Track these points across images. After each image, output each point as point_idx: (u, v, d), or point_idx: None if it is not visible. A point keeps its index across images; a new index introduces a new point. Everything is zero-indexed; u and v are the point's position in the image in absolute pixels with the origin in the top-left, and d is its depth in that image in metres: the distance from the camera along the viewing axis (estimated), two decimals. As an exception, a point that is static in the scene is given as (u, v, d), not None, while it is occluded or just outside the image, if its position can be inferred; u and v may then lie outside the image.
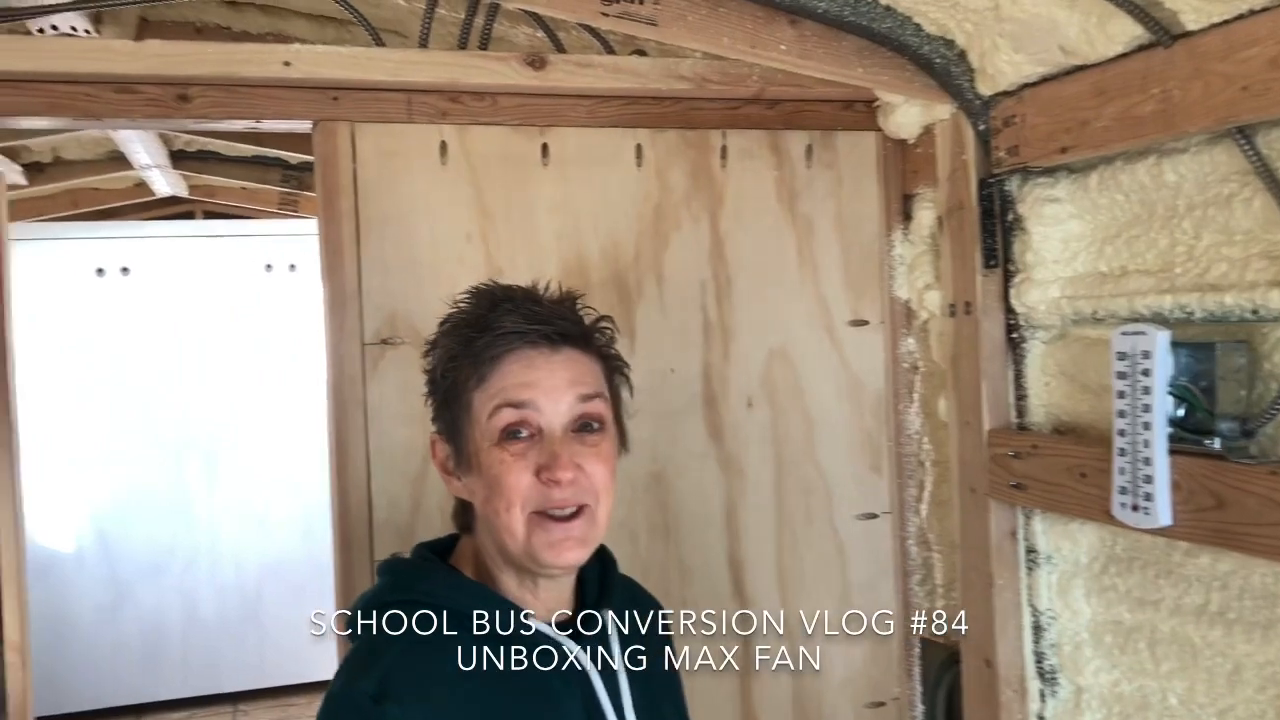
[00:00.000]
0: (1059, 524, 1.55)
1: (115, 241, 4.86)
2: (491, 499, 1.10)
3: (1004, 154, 1.55)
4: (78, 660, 4.87)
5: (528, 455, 1.09)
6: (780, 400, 1.83)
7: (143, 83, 1.46)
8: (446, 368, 1.13)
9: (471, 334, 1.11)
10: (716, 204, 1.79)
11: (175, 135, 3.29)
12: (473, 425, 1.11)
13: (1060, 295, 1.50)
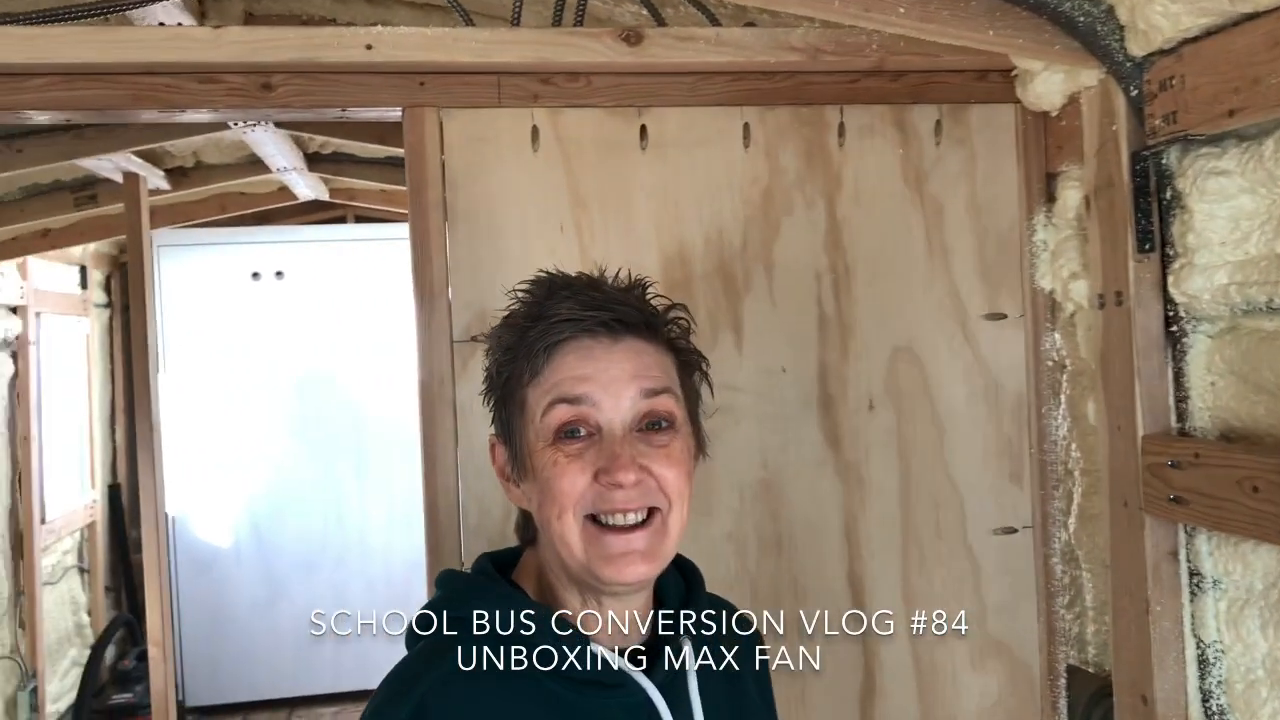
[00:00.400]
0: (1228, 544, 1.37)
1: (270, 246, 5.05)
2: (544, 505, 1.00)
3: (1160, 122, 1.37)
4: (235, 653, 5.04)
5: (585, 456, 0.99)
6: (906, 403, 1.67)
7: (225, 72, 1.42)
8: (501, 362, 1.04)
9: (525, 324, 1.02)
10: (833, 187, 1.64)
11: (309, 138, 3.33)
12: (527, 424, 1.02)
13: (1229, 282, 1.32)
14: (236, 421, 5.02)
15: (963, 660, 1.67)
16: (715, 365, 1.61)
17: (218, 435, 5.00)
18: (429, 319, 1.52)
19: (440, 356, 1.51)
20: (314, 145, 3.43)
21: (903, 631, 1.66)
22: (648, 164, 1.59)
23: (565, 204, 1.56)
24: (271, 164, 3.34)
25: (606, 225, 1.57)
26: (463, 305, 1.52)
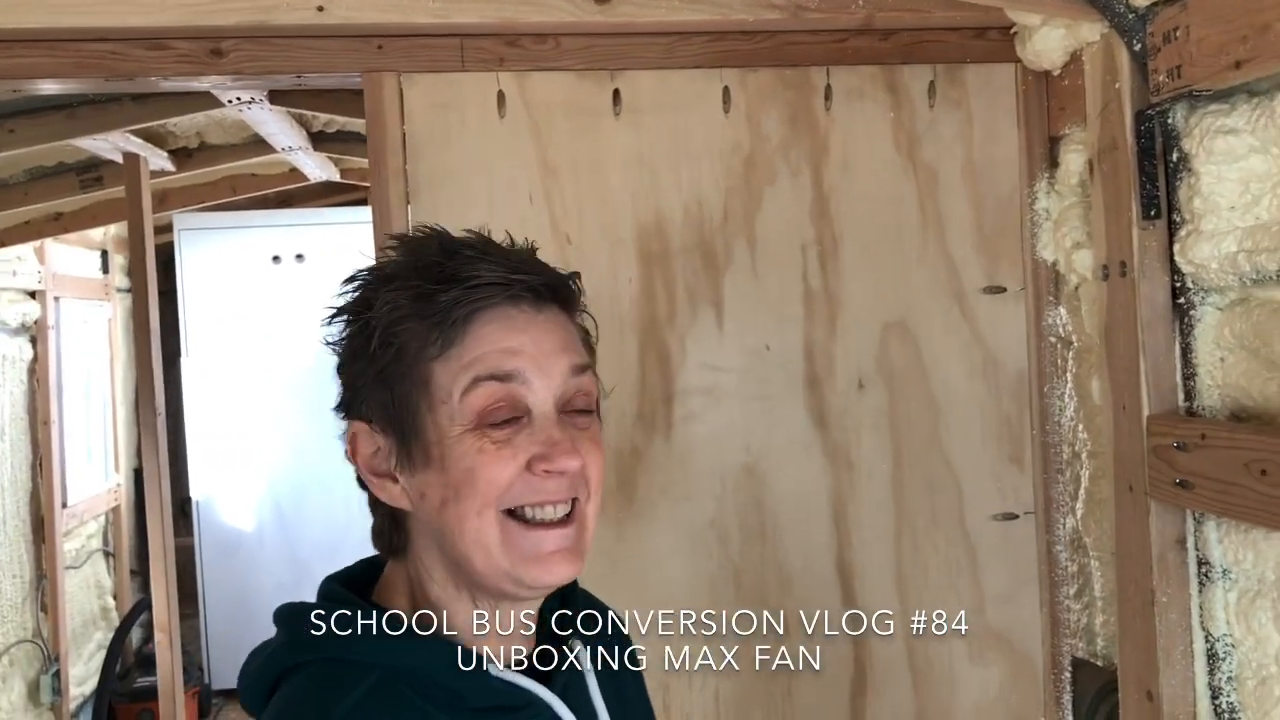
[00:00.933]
0: (1237, 531, 1.28)
1: (290, 229, 5.05)
2: (458, 501, 0.86)
3: (1164, 78, 1.28)
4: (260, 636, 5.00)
5: (514, 442, 0.86)
6: (898, 381, 1.59)
7: (172, 37, 1.36)
8: (389, 330, 0.87)
9: (429, 286, 0.86)
10: (820, 153, 1.55)
11: (313, 116, 3.28)
12: (434, 405, 0.87)
13: (1238, 249, 1.23)
14: (259, 405, 5.03)
15: (960, 653, 1.59)
16: (695, 343, 1.56)
17: (241, 419, 5.01)
18: (391, 295, 1.45)
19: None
20: (318, 124, 3.38)
21: (897, 624, 1.58)
22: (622, 130, 1.51)
23: (534, 173, 1.49)
24: (275, 143, 3.29)
25: (579, 195, 1.50)
26: (426, 280, 1.46)
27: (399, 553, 0.94)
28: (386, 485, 0.90)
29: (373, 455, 0.91)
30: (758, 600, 1.54)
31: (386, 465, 0.90)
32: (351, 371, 0.91)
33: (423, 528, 0.91)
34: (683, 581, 1.54)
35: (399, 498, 0.90)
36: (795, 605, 1.56)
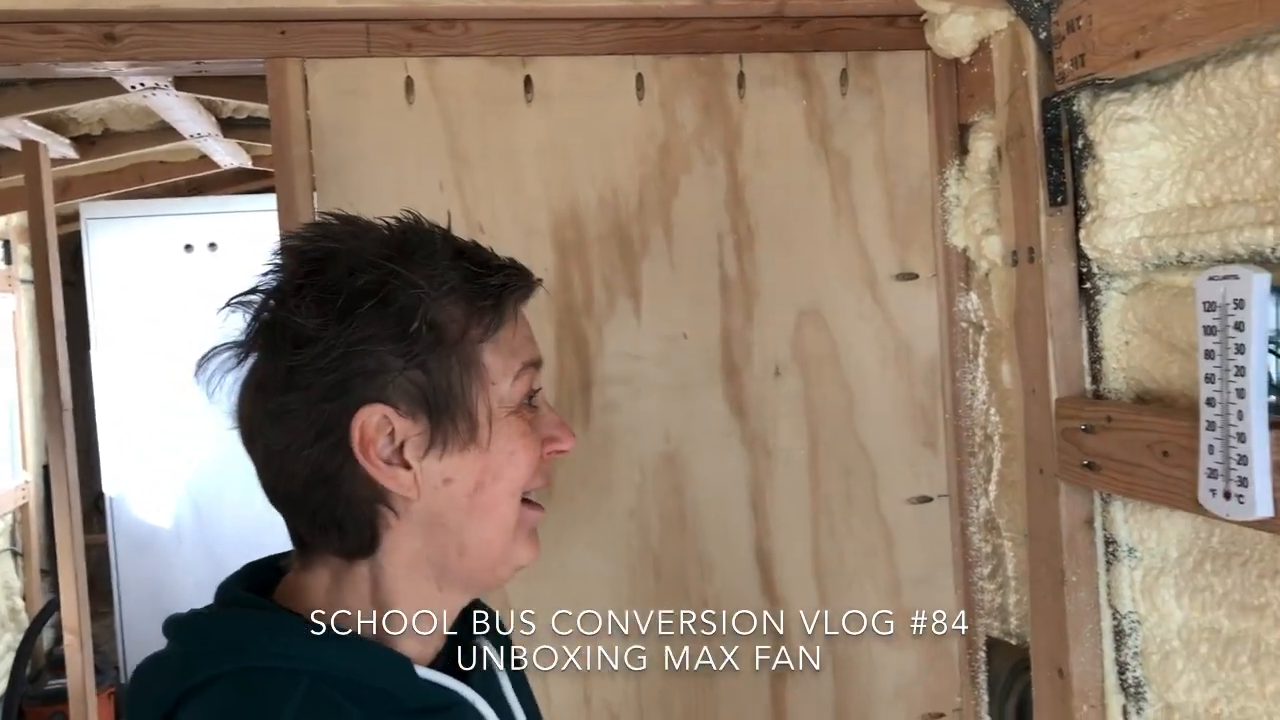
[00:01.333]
0: (1143, 511, 1.31)
1: (202, 217, 4.93)
2: (495, 483, 0.88)
3: (1069, 66, 1.29)
4: (178, 633, 4.94)
5: (535, 426, 0.91)
6: (814, 368, 1.59)
7: (63, 20, 1.30)
8: (433, 312, 0.85)
9: (475, 269, 0.87)
10: (733, 142, 1.55)
11: (221, 102, 3.19)
12: (483, 389, 0.87)
13: (1140, 235, 1.25)
14: (174, 398, 4.90)
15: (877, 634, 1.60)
16: (613, 333, 1.55)
17: (155, 412, 4.89)
18: (298, 286, 1.41)
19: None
20: (227, 110, 3.29)
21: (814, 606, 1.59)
22: (534, 117, 1.49)
23: (445, 161, 1.46)
24: (183, 130, 3.19)
25: (491, 183, 1.47)
26: (334, 271, 1.42)
27: (362, 552, 0.88)
28: (398, 473, 0.86)
29: (399, 441, 0.86)
30: (678, 589, 1.54)
31: (401, 452, 0.86)
32: (362, 354, 0.84)
33: (417, 520, 0.88)
34: (603, 572, 1.54)
35: (408, 486, 0.86)
36: (716, 593, 1.57)
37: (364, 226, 0.89)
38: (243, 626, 0.86)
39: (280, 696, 0.81)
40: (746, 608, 1.56)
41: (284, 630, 0.85)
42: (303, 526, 0.89)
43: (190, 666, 0.84)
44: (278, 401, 0.85)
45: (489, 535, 0.88)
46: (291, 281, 0.86)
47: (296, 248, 0.89)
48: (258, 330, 0.88)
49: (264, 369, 0.87)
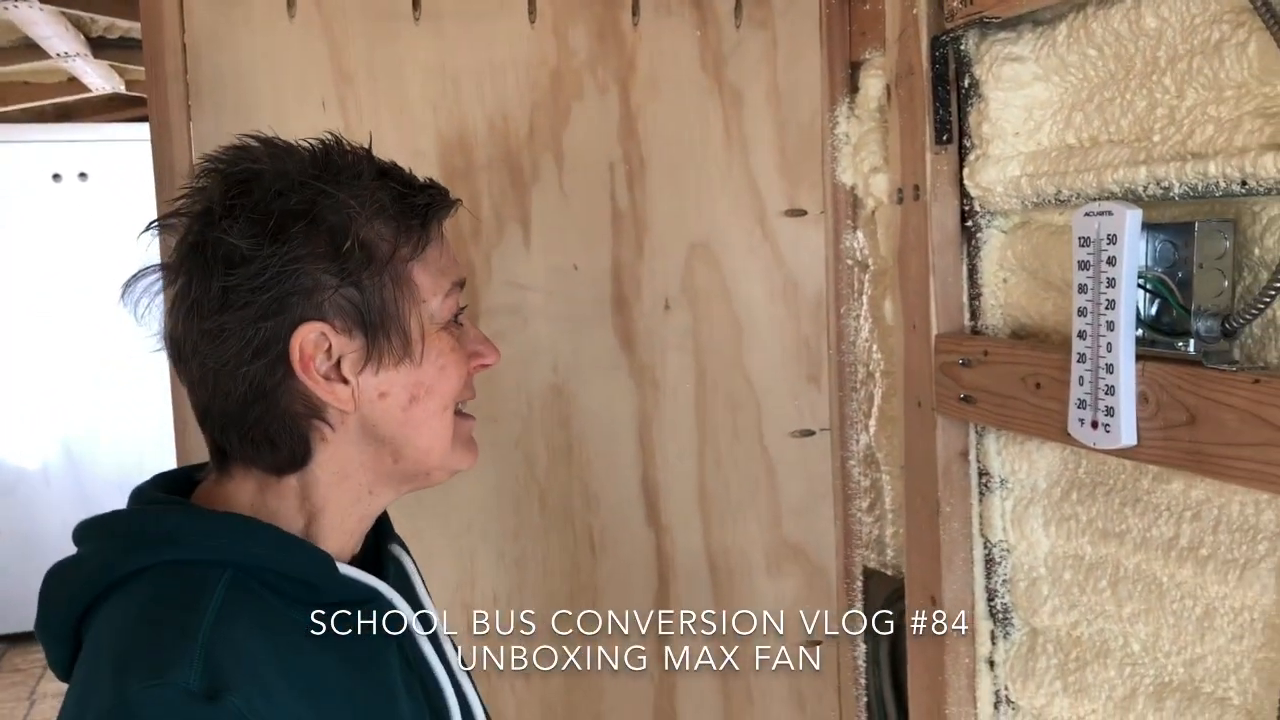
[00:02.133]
0: (1015, 443, 1.35)
1: (72, 145, 4.69)
2: (428, 397, 0.91)
3: (958, 4, 1.31)
4: (46, 577, 4.78)
5: (462, 342, 0.95)
6: (703, 302, 1.60)
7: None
8: (363, 231, 0.87)
9: (401, 189, 0.90)
10: (627, 70, 1.53)
11: (90, 19, 3.03)
12: (415, 306, 0.90)
13: (1020, 174, 1.28)
14: (42, 334, 4.70)
15: (759, 564, 1.64)
16: (501, 262, 1.53)
17: (20, 350, 4.68)
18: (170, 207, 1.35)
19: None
20: (97, 28, 3.13)
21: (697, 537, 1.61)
22: (422, 37, 1.45)
23: (328, 78, 1.41)
24: (49, 47, 3.04)
25: (376, 103, 1.43)
26: (210, 191, 1.36)
27: (294, 466, 0.90)
28: (336, 388, 0.88)
29: (323, 358, 0.88)
30: (564, 520, 1.55)
31: (339, 368, 0.88)
32: (297, 273, 0.85)
33: (353, 432, 0.91)
34: (486, 501, 1.53)
35: (345, 400, 0.89)
36: (601, 524, 1.58)
37: (286, 148, 0.91)
38: (163, 520, 0.88)
39: (202, 587, 0.82)
40: (631, 538, 1.58)
41: (206, 522, 0.87)
42: (233, 443, 0.90)
43: (108, 564, 0.84)
44: (214, 321, 0.85)
45: (425, 444, 0.92)
46: (220, 203, 0.86)
47: (219, 169, 0.89)
48: (187, 251, 0.88)
49: (197, 290, 0.86)
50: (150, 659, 0.77)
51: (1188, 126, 1.05)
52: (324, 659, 0.87)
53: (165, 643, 0.78)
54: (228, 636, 0.79)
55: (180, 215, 0.90)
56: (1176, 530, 1.12)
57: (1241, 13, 0.98)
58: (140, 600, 0.82)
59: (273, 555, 0.86)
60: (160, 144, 1.35)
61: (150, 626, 0.80)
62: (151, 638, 0.79)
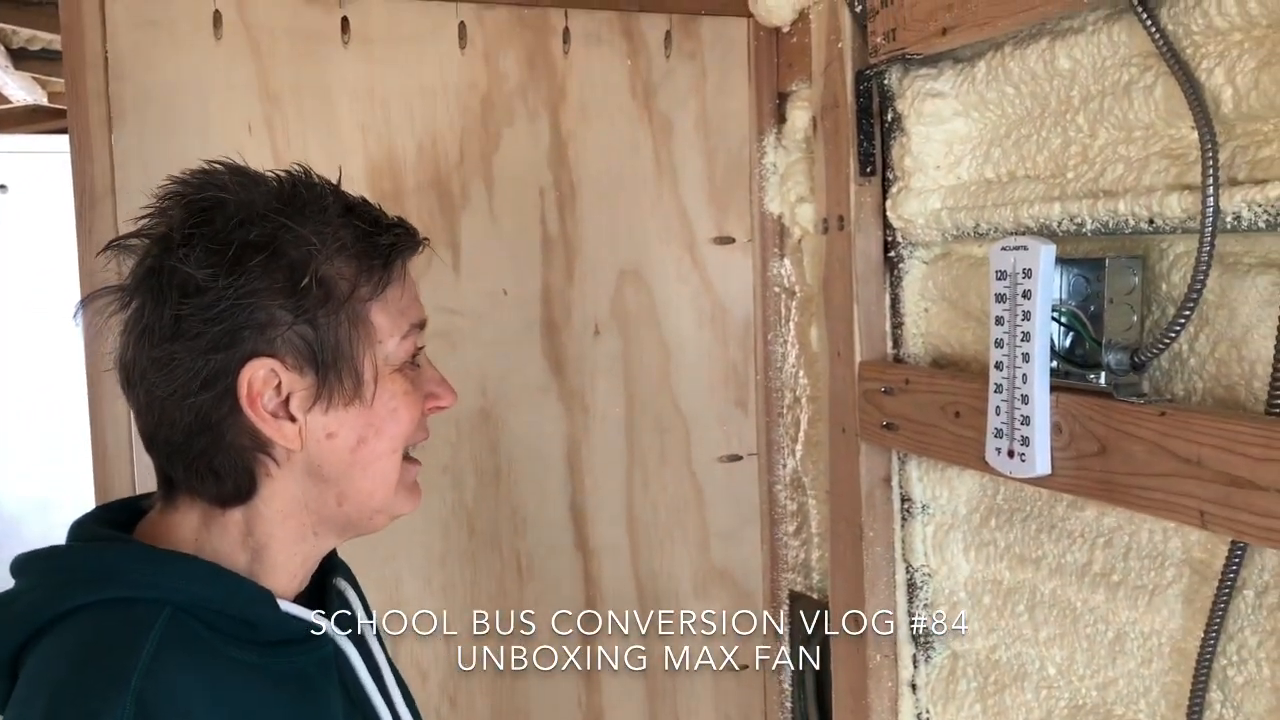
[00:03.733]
0: (936, 470, 1.38)
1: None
2: (377, 439, 0.89)
3: (881, 40, 1.33)
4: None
5: (417, 384, 0.93)
6: (632, 328, 1.61)
7: None
8: (322, 268, 0.85)
9: (365, 227, 0.88)
10: (558, 97, 1.54)
11: (11, 31, 2.97)
12: (370, 347, 0.88)
13: (941, 206, 1.31)
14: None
15: (686, 588, 1.65)
16: (431, 286, 1.51)
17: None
18: (90, 227, 1.33)
19: (105, 270, 1.32)
20: (18, 40, 3.06)
21: (625, 562, 1.62)
22: (351, 61, 1.44)
23: (255, 101, 1.39)
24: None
25: (304, 126, 1.42)
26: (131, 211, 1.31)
27: (238, 499, 0.89)
28: (283, 426, 0.86)
29: (272, 395, 0.86)
30: (491, 544, 1.54)
31: (287, 405, 0.86)
32: (251, 307, 0.84)
33: (299, 470, 0.89)
34: (413, 525, 1.52)
35: (291, 438, 0.87)
36: (529, 547, 1.58)
37: (254, 177, 0.89)
38: (103, 557, 0.85)
39: (139, 628, 0.80)
40: (560, 561, 1.58)
41: (146, 561, 0.85)
42: (178, 472, 0.88)
43: (44, 600, 0.82)
44: (164, 349, 0.84)
45: (369, 486, 0.90)
46: (180, 229, 0.84)
47: (182, 194, 0.87)
48: (143, 276, 0.86)
49: (149, 315, 0.84)
50: (81, 704, 0.76)
51: (1099, 164, 1.09)
52: (264, 696, 0.85)
53: (97, 687, 0.77)
54: (161, 679, 0.78)
55: (141, 236, 0.87)
56: (1090, 556, 1.16)
57: (1149, 56, 1.02)
58: (76, 639, 0.80)
59: (212, 593, 0.85)
60: (81, 162, 1.32)
61: (84, 668, 0.78)
62: (84, 680, 0.77)
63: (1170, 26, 0.98)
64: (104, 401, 1.36)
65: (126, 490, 1.35)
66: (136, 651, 0.78)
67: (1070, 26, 1.11)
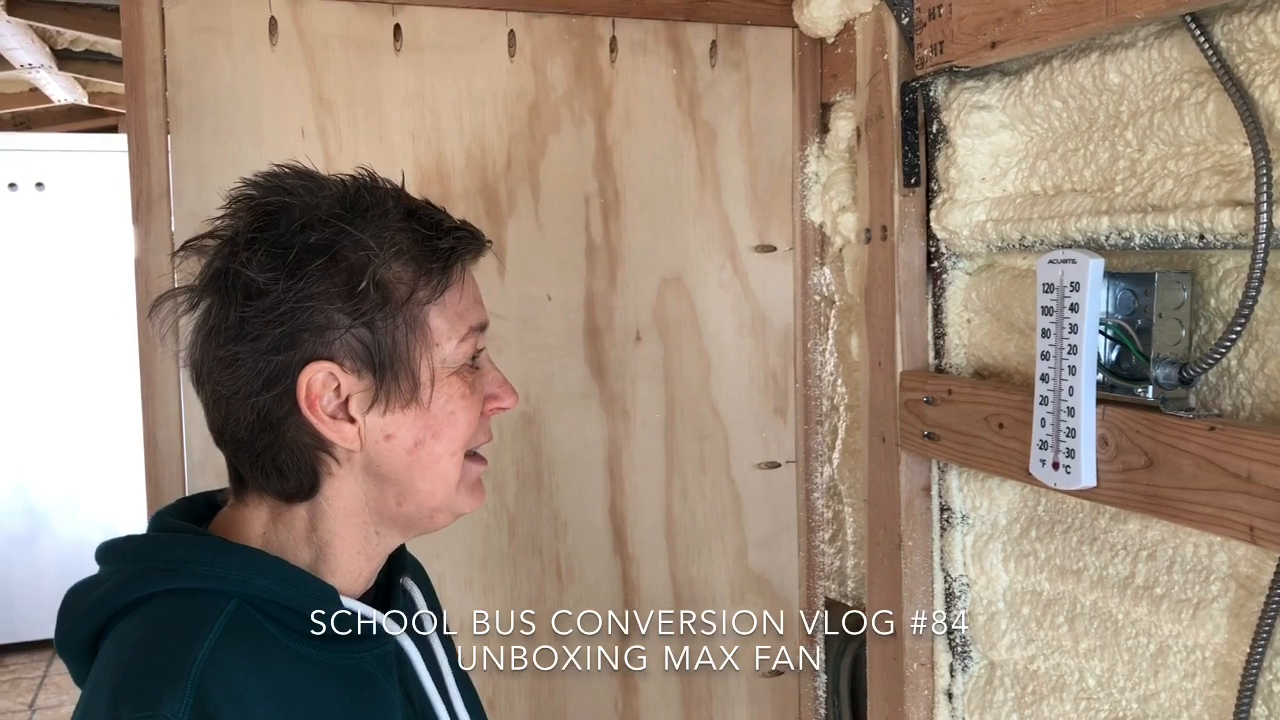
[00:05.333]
0: (976, 480, 1.38)
1: (29, 154, 4.62)
2: (435, 441, 0.91)
3: (928, 52, 1.34)
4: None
5: (477, 387, 0.94)
6: (673, 334, 1.62)
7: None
8: (381, 273, 0.87)
9: (424, 231, 0.89)
10: (604, 105, 1.55)
11: (56, 32, 3.01)
12: (427, 350, 0.90)
13: (986, 218, 1.31)
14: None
15: (723, 593, 1.66)
16: (475, 290, 1.53)
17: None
18: (147, 230, 1.35)
19: (160, 272, 1.35)
20: (63, 41, 3.10)
21: (663, 567, 1.63)
22: (402, 67, 1.46)
23: (308, 106, 1.41)
24: (13, 59, 3.01)
25: (355, 132, 1.44)
26: (187, 215, 1.36)
27: (301, 496, 0.91)
28: (342, 427, 0.89)
29: (331, 397, 0.88)
30: (532, 547, 1.56)
31: (346, 407, 0.88)
32: (310, 310, 0.86)
33: (359, 470, 0.91)
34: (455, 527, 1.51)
35: (351, 439, 0.89)
36: (569, 551, 1.59)
37: (319, 181, 0.91)
38: (175, 548, 0.89)
39: (204, 618, 0.83)
40: (599, 566, 1.59)
41: (216, 553, 0.88)
42: (245, 468, 0.91)
43: (121, 587, 0.86)
44: (228, 349, 0.86)
45: (428, 487, 0.92)
46: (244, 233, 0.87)
47: (250, 198, 0.90)
48: (211, 277, 0.89)
49: (216, 316, 0.88)
50: (144, 689, 0.79)
51: (1148, 179, 1.09)
52: (322, 690, 0.88)
53: (159, 673, 0.80)
54: (221, 669, 0.81)
55: (213, 236, 0.90)
56: (1132, 569, 1.16)
57: (1201, 73, 1.03)
58: (145, 625, 0.84)
59: (277, 587, 0.88)
60: (138, 165, 1.34)
61: (149, 655, 0.82)
62: (148, 667, 0.81)
63: (1224, 43, 0.98)
64: (156, 400, 1.38)
65: (177, 487, 1.38)
66: (199, 641, 0.81)
67: (1121, 42, 1.11)
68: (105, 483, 4.84)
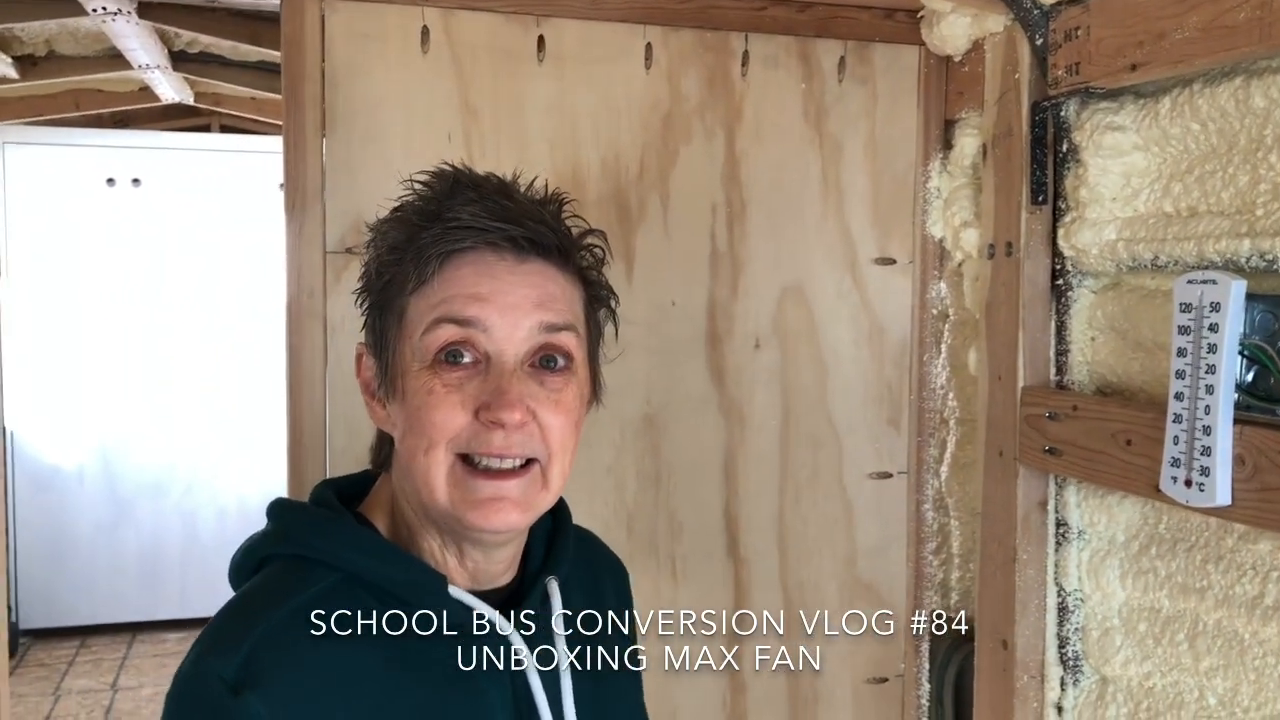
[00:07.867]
0: (1095, 496, 1.39)
1: (127, 151, 4.78)
2: (410, 436, 0.88)
3: (1063, 73, 1.36)
4: (75, 576, 4.85)
5: (465, 388, 0.86)
6: (792, 343, 1.65)
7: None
8: (384, 262, 0.91)
9: (419, 223, 0.89)
10: (734, 117, 1.59)
11: (175, 34, 3.11)
12: (403, 339, 0.89)
13: (1116, 238, 1.32)
14: (86, 334, 4.77)
15: (832, 601, 1.68)
16: (604, 295, 1.58)
17: (65, 348, 4.75)
18: (300, 227, 1.41)
19: (311, 268, 1.41)
20: (180, 42, 3.21)
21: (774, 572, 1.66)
22: (544, 77, 1.51)
23: (455, 112, 1.47)
24: (133, 59, 3.11)
25: (498, 138, 1.49)
26: (338, 213, 1.42)
27: (386, 466, 0.97)
28: (375, 408, 0.95)
29: (370, 379, 0.95)
30: (649, 547, 1.59)
31: (375, 389, 0.95)
32: (362, 293, 0.96)
33: (396, 453, 0.94)
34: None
35: (384, 421, 0.94)
36: (684, 552, 1.62)
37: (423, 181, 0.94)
38: (297, 518, 0.94)
39: (297, 587, 0.87)
40: (712, 567, 1.62)
41: (328, 532, 0.92)
42: None
43: (262, 543, 0.93)
44: None
45: (418, 485, 0.89)
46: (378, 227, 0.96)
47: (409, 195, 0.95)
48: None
49: None
50: (214, 639, 0.84)
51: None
52: (402, 677, 0.87)
53: (231, 629, 0.85)
54: (285, 637, 0.83)
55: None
56: (1262, 589, 1.16)
57: (1352, 99, 1.04)
58: (264, 579, 0.90)
59: (380, 569, 0.89)
60: (295, 165, 1.41)
61: (235, 611, 0.88)
62: (228, 621, 0.86)
63: (1379, 70, 0.99)
64: (301, 389, 1.44)
65: (319, 475, 1.43)
66: (277, 607, 0.85)
67: (1268, 66, 1.12)
68: (187, 473, 4.97)
